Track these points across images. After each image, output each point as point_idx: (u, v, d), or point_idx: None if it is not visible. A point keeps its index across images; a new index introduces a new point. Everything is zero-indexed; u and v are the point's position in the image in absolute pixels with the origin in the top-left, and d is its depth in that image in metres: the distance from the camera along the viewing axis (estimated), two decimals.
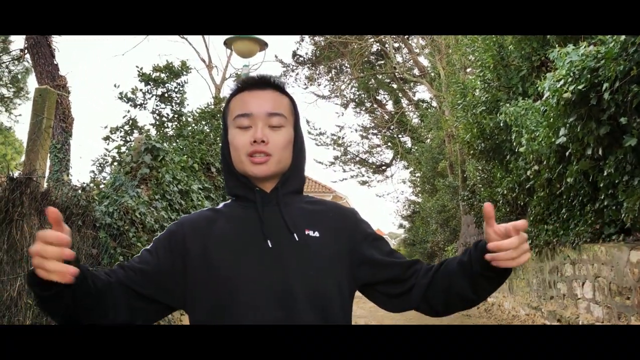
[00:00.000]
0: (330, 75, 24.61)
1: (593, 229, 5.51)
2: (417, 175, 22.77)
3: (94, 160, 8.50)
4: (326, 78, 24.72)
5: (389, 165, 27.39)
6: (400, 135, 25.06)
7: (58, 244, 0.91)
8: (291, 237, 1.17)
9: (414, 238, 22.47)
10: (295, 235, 1.18)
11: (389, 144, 25.97)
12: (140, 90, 9.81)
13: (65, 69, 25.64)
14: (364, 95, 25.20)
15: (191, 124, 10.07)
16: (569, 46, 5.14)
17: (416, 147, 22.06)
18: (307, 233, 1.19)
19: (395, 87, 24.24)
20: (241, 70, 9.51)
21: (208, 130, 10.13)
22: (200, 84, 69.20)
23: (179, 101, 10.03)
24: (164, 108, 10.02)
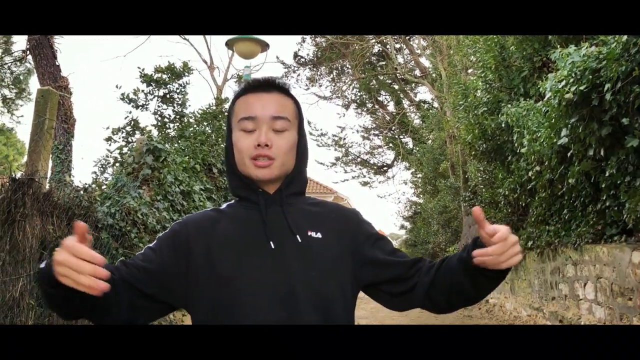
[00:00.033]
0: (332, 76, 24.62)
1: (595, 229, 5.51)
2: (419, 176, 22.76)
3: (96, 161, 8.55)
4: (327, 79, 24.76)
5: (390, 166, 27.40)
6: (402, 136, 25.06)
7: (92, 261, 0.93)
8: (294, 239, 1.18)
9: (415, 239, 22.45)
10: (298, 237, 1.18)
11: (391, 144, 25.97)
12: (142, 91, 9.83)
13: (67, 70, 25.71)
14: (365, 96, 25.19)
15: (193, 125, 10.09)
16: (570, 47, 5.14)
17: (417, 148, 22.04)
18: (310, 234, 1.20)
19: (396, 88, 24.24)
20: (243, 71, 9.52)
21: (210, 131, 10.15)
22: (202, 85, 69.27)
23: (180, 102, 10.05)
24: (165, 109, 10.05)
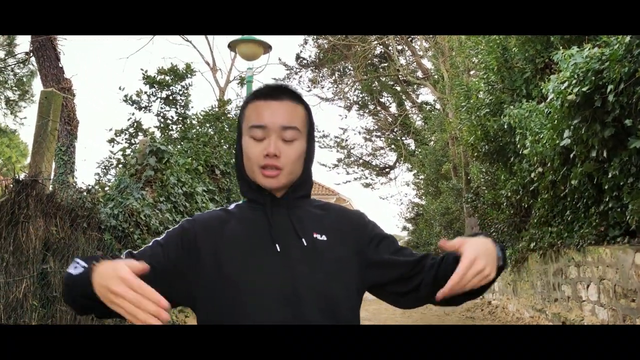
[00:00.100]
0: (334, 77, 24.64)
1: (598, 231, 5.50)
2: (421, 177, 22.75)
3: (99, 163, 8.57)
4: (329, 80, 24.79)
5: (392, 167, 27.40)
6: (404, 138, 25.06)
7: (153, 300, 0.94)
8: (299, 242, 1.19)
9: (417, 240, 22.42)
10: (303, 240, 1.19)
11: (393, 146, 25.97)
12: (145, 92, 9.85)
13: (70, 72, 25.80)
14: (367, 97, 25.20)
15: (195, 127, 10.10)
16: (573, 48, 5.14)
17: (420, 150, 22.04)
18: (315, 237, 1.21)
19: (398, 90, 24.24)
20: (245, 73, 9.54)
21: (212, 132, 10.17)
22: (204, 87, 69.30)
23: (183, 104, 10.06)
24: (168, 111, 10.06)
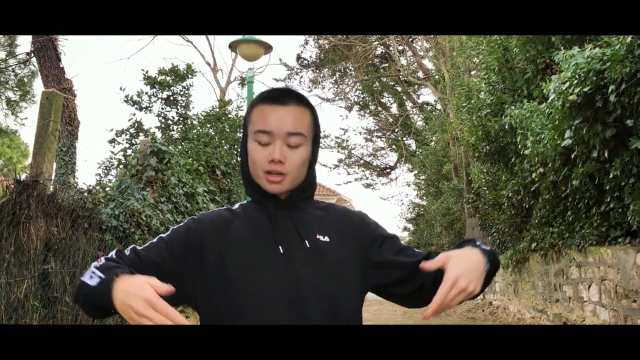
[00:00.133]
0: (335, 78, 24.65)
1: (599, 231, 5.49)
2: (422, 178, 22.75)
3: (100, 163, 8.54)
4: (330, 81, 24.79)
5: (393, 168, 27.40)
6: (405, 138, 25.06)
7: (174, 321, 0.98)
8: (302, 244, 1.20)
9: (418, 241, 22.42)
10: (306, 242, 1.20)
11: (393, 146, 25.97)
12: (146, 93, 9.84)
13: (70, 72, 25.79)
14: (368, 98, 25.20)
15: (196, 127, 10.10)
16: (574, 48, 5.13)
17: (421, 150, 22.04)
18: (318, 238, 1.22)
19: (399, 90, 24.24)
20: (246, 73, 9.53)
21: (213, 133, 10.16)
22: (205, 87, 69.36)
23: (184, 104, 10.06)
24: (169, 111, 10.05)
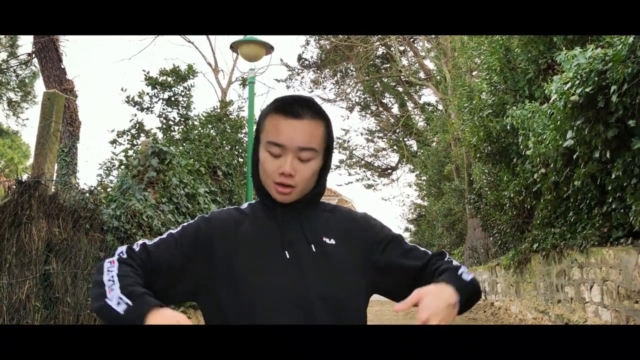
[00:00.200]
0: (336, 78, 24.65)
1: (601, 232, 5.48)
2: (423, 178, 22.74)
3: (101, 164, 8.53)
4: (331, 81, 24.80)
5: (394, 168, 27.39)
6: (406, 139, 25.04)
7: None
8: (309, 247, 1.21)
9: (420, 242, 22.43)
10: (312, 246, 1.21)
11: (395, 147, 25.97)
12: (147, 94, 9.85)
13: (72, 73, 25.82)
14: (369, 98, 25.20)
15: (198, 128, 10.10)
16: (576, 49, 5.13)
17: (422, 151, 22.05)
18: (324, 240, 1.23)
19: (400, 91, 24.23)
20: (247, 74, 9.53)
21: (214, 133, 10.17)
22: (206, 88, 69.50)
23: (185, 105, 10.06)
24: (170, 112, 10.06)
